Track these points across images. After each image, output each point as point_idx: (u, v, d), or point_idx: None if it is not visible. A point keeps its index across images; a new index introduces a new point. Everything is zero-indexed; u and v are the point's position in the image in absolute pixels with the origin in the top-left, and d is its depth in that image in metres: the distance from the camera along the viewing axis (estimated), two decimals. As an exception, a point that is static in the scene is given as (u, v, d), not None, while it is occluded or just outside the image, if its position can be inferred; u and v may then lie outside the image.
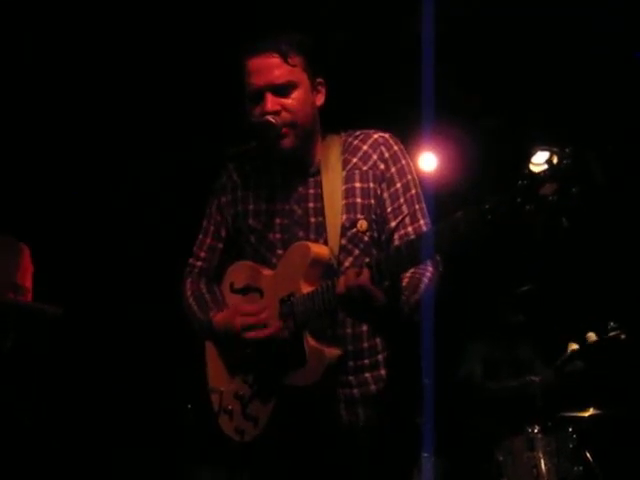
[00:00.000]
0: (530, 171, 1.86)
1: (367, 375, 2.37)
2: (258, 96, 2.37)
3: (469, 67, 4.60)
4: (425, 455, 3.96)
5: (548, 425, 3.85)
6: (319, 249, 2.30)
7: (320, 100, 2.46)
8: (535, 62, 4.53)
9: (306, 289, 2.26)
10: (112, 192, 4.52)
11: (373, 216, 2.39)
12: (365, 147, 2.45)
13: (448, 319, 4.07)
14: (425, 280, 2.31)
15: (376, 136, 2.47)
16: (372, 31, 4.48)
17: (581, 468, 3.74)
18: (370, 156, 2.44)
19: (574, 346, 4.04)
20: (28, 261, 3.28)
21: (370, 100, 4.73)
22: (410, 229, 2.38)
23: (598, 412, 3.92)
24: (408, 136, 4.85)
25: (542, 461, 3.75)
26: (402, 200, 2.40)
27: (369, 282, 2.10)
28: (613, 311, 4.33)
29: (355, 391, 2.35)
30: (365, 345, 2.37)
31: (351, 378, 2.35)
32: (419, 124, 4.32)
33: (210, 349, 2.51)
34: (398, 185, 2.42)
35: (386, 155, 2.43)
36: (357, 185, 2.41)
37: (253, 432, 2.34)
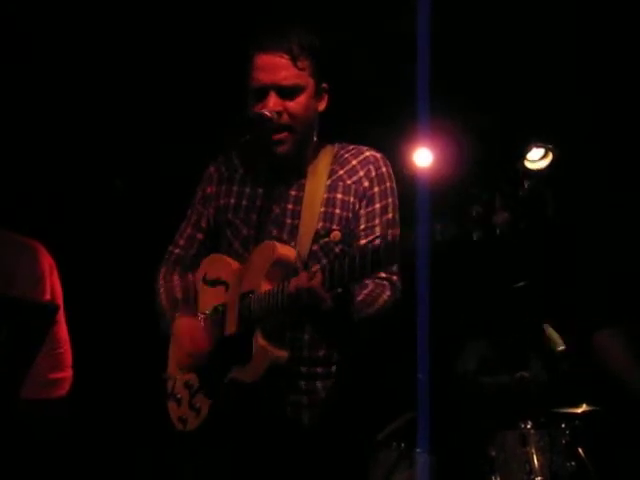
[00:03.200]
0: (485, 198, 1.89)
1: (318, 384, 2.39)
2: (261, 93, 2.38)
3: (465, 63, 4.59)
4: (418, 451, 3.98)
5: (541, 421, 3.86)
6: (285, 250, 2.32)
7: (322, 106, 2.49)
8: (531, 58, 4.53)
9: (265, 287, 2.28)
10: (111, 190, 4.52)
11: (347, 230, 2.42)
12: (354, 162, 2.49)
13: (442, 316, 4.08)
14: (380, 301, 2.36)
15: (368, 154, 2.50)
16: (367, 28, 4.48)
17: (574, 464, 3.74)
18: (357, 171, 2.46)
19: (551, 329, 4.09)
20: (45, 261, 3.24)
21: (365, 96, 4.72)
22: None
23: (591, 408, 3.93)
24: (404, 132, 4.89)
25: (535, 456, 3.76)
26: (377, 221, 2.43)
27: (319, 286, 2.14)
28: (607, 307, 4.33)
29: (304, 398, 2.37)
30: (321, 353, 2.40)
31: (302, 383, 2.37)
32: (414, 120, 4.32)
33: (175, 336, 2.53)
34: (377, 205, 2.44)
35: (373, 174, 2.46)
36: (339, 196, 2.44)
37: (194, 422, 2.36)
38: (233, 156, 2.59)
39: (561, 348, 4.08)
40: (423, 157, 5.24)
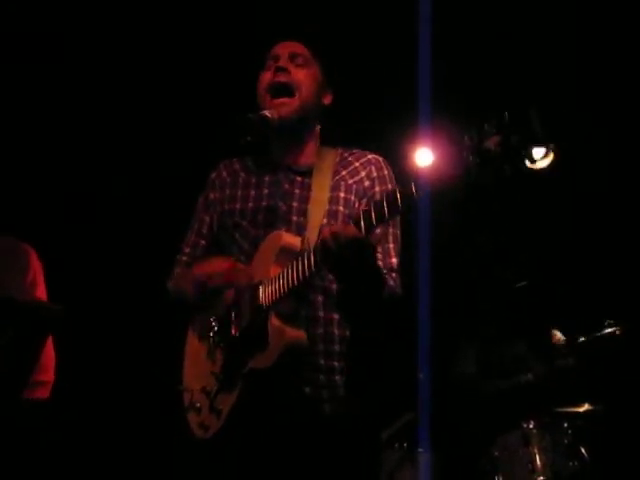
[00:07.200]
0: (477, 128, 1.96)
1: (337, 378, 2.41)
2: (273, 59, 2.55)
3: (466, 62, 4.60)
4: (420, 450, 3.97)
5: (543, 420, 3.86)
6: (291, 238, 2.36)
7: (327, 99, 2.62)
8: (533, 58, 4.54)
9: (275, 272, 2.30)
10: (111, 189, 4.53)
11: None
12: (357, 164, 2.57)
13: (442, 316, 4.07)
14: (387, 287, 2.39)
15: (370, 156, 2.59)
16: (368, 27, 4.49)
17: (576, 463, 3.74)
18: (359, 172, 2.54)
19: (559, 335, 4.07)
20: (36, 265, 3.26)
21: (366, 97, 4.73)
22: (379, 247, 2.44)
23: (593, 408, 3.93)
24: (405, 132, 4.88)
25: (537, 456, 3.75)
26: None
27: (353, 227, 2.12)
28: (609, 307, 4.34)
29: (324, 392, 2.39)
30: (336, 347, 2.43)
31: (321, 377, 2.39)
32: (415, 120, 4.32)
33: (189, 348, 2.56)
34: None
35: (374, 174, 2.54)
36: (341, 195, 2.50)
37: (216, 425, 2.35)
38: (234, 162, 2.68)
39: (561, 340, 4.07)
40: (424, 157, 5.24)
